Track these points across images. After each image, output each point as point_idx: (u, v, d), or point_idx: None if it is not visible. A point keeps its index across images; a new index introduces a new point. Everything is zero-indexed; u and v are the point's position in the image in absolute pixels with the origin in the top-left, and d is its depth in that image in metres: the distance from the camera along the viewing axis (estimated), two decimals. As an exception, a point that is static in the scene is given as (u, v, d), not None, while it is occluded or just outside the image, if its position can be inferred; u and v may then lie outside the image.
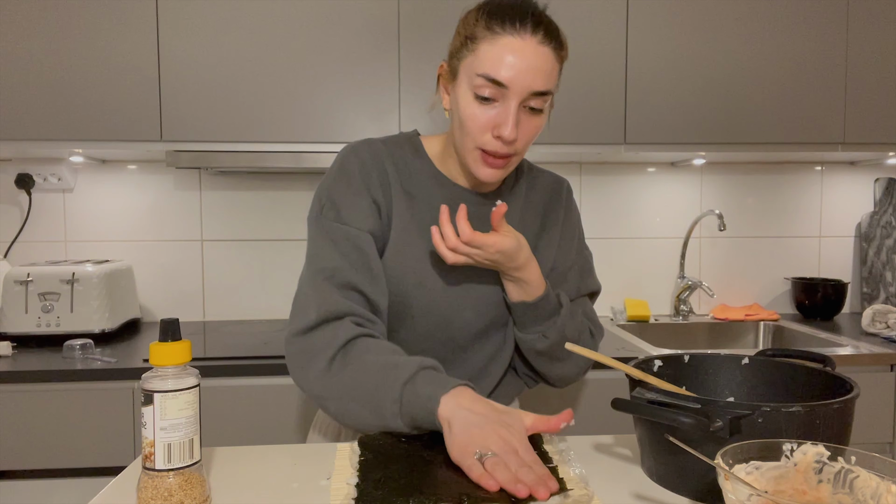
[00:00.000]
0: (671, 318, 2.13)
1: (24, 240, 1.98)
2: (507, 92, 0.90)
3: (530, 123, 0.94)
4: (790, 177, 2.22)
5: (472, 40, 0.92)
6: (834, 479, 0.62)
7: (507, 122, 0.90)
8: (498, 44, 0.89)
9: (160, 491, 0.69)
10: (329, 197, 0.99)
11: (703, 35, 1.80)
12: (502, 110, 0.91)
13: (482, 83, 0.90)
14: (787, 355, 0.90)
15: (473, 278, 1.02)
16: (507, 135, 0.90)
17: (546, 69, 0.91)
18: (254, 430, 1.50)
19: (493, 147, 0.93)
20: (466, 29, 0.93)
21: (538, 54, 0.90)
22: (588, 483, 0.76)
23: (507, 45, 0.89)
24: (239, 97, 1.68)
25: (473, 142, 0.94)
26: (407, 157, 1.04)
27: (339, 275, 0.94)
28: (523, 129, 0.93)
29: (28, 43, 1.64)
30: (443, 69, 0.99)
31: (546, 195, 1.12)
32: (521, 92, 0.90)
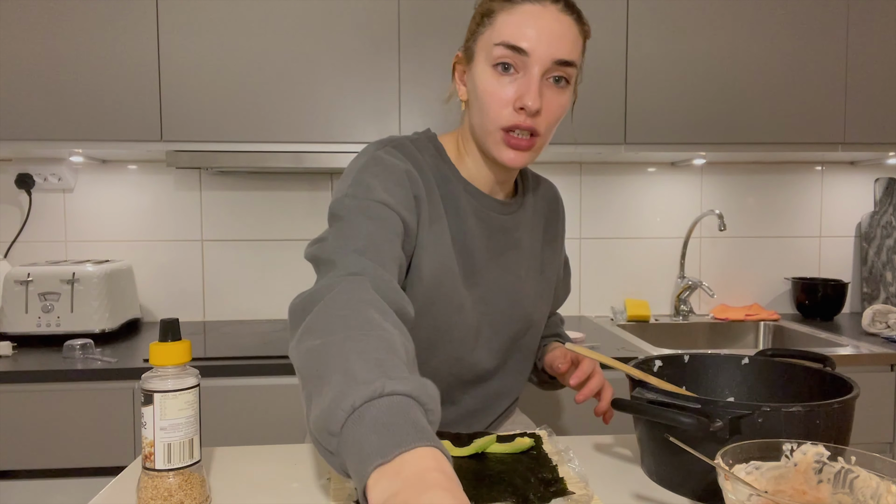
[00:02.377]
0: (671, 318, 2.13)
1: (25, 240, 1.98)
2: (528, 60, 0.85)
3: (555, 99, 0.87)
4: (790, 177, 2.22)
5: (488, 15, 0.88)
6: (834, 479, 0.62)
7: (531, 90, 0.84)
8: (517, 11, 0.85)
9: (160, 491, 0.69)
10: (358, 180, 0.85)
11: (703, 35, 1.80)
12: (524, 80, 0.85)
13: (501, 52, 0.85)
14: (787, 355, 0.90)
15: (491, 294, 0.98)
16: (532, 104, 0.84)
17: (570, 36, 0.86)
18: (254, 430, 1.50)
19: (516, 120, 0.86)
20: (482, 7, 0.90)
21: (560, 21, 0.85)
22: (588, 483, 0.76)
23: (527, 12, 0.85)
24: (239, 97, 1.68)
25: (495, 121, 0.87)
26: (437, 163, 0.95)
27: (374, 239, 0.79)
28: (547, 104, 0.87)
29: (28, 43, 1.64)
30: (458, 57, 0.95)
31: (546, 205, 1.09)
32: (543, 59, 0.84)
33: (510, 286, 0.99)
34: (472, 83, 0.90)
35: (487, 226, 0.97)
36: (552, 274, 1.08)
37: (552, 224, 1.09)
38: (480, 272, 0.96)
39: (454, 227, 0.93)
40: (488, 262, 0.97)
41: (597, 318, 2.13)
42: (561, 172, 2.13)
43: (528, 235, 1.03)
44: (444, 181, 0.94)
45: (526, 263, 1.02)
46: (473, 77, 0.90)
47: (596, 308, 2.17)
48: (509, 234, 0.99)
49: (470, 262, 0.95)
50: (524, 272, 1.01)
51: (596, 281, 2.17)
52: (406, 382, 0.55)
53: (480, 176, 0.97)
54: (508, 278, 0.99)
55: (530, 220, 1.04)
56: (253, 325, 1.93)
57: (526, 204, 1.04)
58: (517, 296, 1.00)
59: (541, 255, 1.06)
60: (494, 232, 0.97)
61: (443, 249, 0.91)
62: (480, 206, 0.96)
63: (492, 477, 0.74)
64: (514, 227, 1.00)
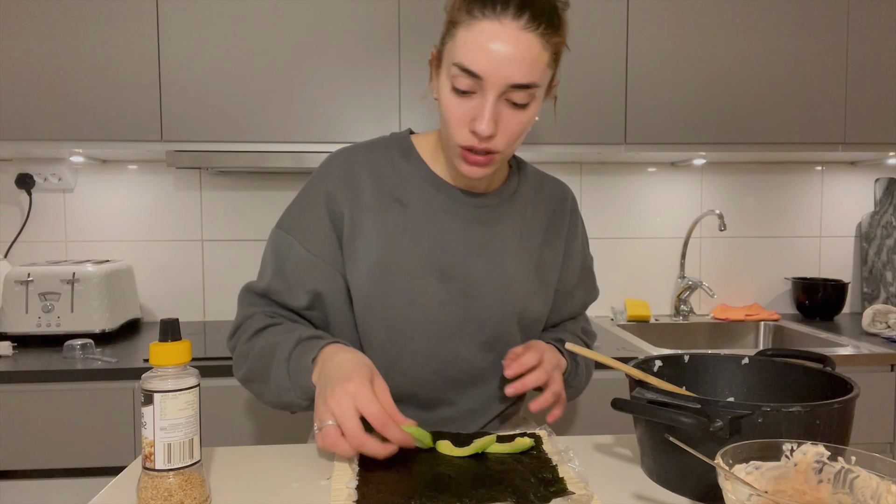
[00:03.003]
0: (671, 318, 2.13)
1: (25, 240, 1.98)
2: (483, 83, 0.82)
3: (513, 119, 0.85)
4: (790, 177, 2.22)
5: (453, 25, 0.85)
6: (834, 479, 0.62)
7: (483, 116, 0.83)
8: (474, 30, 0.81)
9: (160, 491, 0.69)
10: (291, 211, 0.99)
11: (703, 35, 1.80)
12: (479, 103, 0.84)
13: (457, 73, 0.83)
14: (787, 355, 0.90)
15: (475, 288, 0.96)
16: (482, 130, 0.83)
17: (528, 58, 0.81)
18: (254, 430, 1.50)
19: (471, 142, 0.86)
20: (451, 13, 0.86)
21: (519, 41, 0.80)
22: (588, 483, 0.76)
23: (484, 32, 0.80)
24: (239, 97, 1.68)
25: (452, 137, 0.87)
26: (395, 160, 0.97)
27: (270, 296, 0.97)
28: (505, 125, 0.85)
29: (28, 43, 1.64)
30: (433, 55, 0.92)
31: (551, 204, 1.06)
32: (497, 84, 0.82)
33: (497, 280, 0.97)
34: (438, 92, 0.90)
35: (459, 219, 0.96)
36: (552, 274, 1.05)
37: (556, 223, 1.06)
38: (458, 265, 0.95)
39: (415, 221, 0.94)
40: (467, 257, 0.96)
41: (597, 318, 2.13)
42: (561, 172, 2.13)
43: (518, 230, 1.01)
44: (402, 177, 0.96)
45: (517, 259, 1.00)
46: (439, 86, 0.90)
47: (596, 308, 2.17)
48: (491, 227, 0.98)
49: (440, 256, 0.94)
50: (514, 267, 0.99)
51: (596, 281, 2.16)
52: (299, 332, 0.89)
53: (455, 172, 0.97)
54: (492, 272, 0.97)
55: (522, 214, 1.02)
56: (253, 325, 1.93)
57: (517, 197, 1.02)
58: (506, 291, 0.98)
59: (539, 252, 1.03)
60: (470, 225, 0.96)
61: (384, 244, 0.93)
62: (450, 199, 0.96)
63: (492, 477, 0.74)
64: (497, 221, 0.99)
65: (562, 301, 1.10)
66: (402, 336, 0.94)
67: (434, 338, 0.95)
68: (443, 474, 0.75)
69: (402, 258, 0.93)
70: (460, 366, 0.98)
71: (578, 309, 1.15)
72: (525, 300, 1.00)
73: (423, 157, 0.99)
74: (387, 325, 0.94)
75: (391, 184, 0.95)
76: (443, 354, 0.96)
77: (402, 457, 0.80)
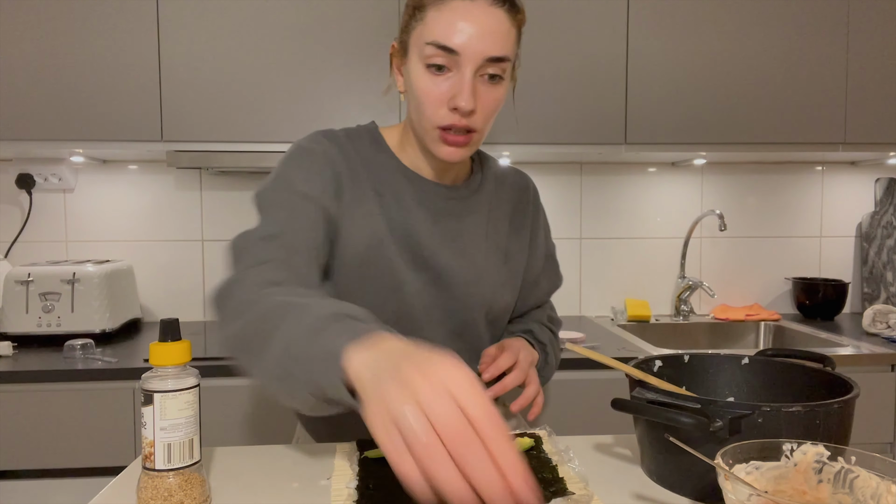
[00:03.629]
0: (672, 318, 2.13)
1: (25, 240, 1.98)
2: (459, 59, 0.84)
3: (489, 95, 0.87)
4: (791, 177, 2.22)
5: (419, 9, 0.86)
6: (834, 479, 0.62)
7: (463, 91, 0.84)
8: (446, 8, 0.83)
9: (160, 491, 0.69)
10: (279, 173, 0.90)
11: (704, 35, 1.80)
12: (457, 80, 0.85)
13: (432, 52, 0.84)
14: (787, 355, 0.90)
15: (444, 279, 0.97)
16: (464, 105, 0.84)
17: (501, 32, 0.84)
18: (254, 430, 1.50)
19: (451, 120, 0.86)
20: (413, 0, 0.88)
21: (490, 16, 0.83)
22: (588, 483, 0.76)
23: (456, 9, 0.83)
24: (239, 97, 1.68)
25: (430, 120, 0.87)
26: (369, 151, 0.97)
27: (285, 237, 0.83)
28: (482, 101, 0.87)
29: (28, 43, 1.64)
30: (394, 49, 0.94)
31: (514, 194, 1.08)
32: (475, 58, 0.84)
33: (466, 271, 0.98)
34: (408, 79, 0.90)
35: (431, 211, 0.97)
36: (519, 264, 1.07)
37: (520, 213, 1.08)
38: (430, 257, 0.96)
39: (391, 212, 0.94)
40: (438, 247, 0.96)
41: (597, 318, 2.13)
42: (561, 172, 2.13)
43: (485, 221, 1.02)
44: (377, 167, 0.95)
45: (485, 251, 1.01)
46: (409, 73, 0.89)
47: (596, 308, 2.17)
48: (460, 220, 0.99)
49: (414, 246, 0.95)
50: (483, 260, 1.01)
51: (596, 281, 2.17)
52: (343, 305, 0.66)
53: (423, 164, 0.98)
54: (462, 263, 0.98)
55: (488, 206, 1.03)
56: (253, 325, 1.93)
57: (482, 190, 1.03)
58: (475, 281, 0.99)
59: (506, 243, 1.05)
60: (441, 217, 0.97)
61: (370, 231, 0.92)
62: (420, 191, 0.97)
63: (492, 477, 0.74)
64: (466, 213, 1.00)
65: (528, 290, 1.11)
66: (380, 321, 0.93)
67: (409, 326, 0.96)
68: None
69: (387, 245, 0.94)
70: None
71: (543, 297, 1.17)
72: (493, 292, 1.02)
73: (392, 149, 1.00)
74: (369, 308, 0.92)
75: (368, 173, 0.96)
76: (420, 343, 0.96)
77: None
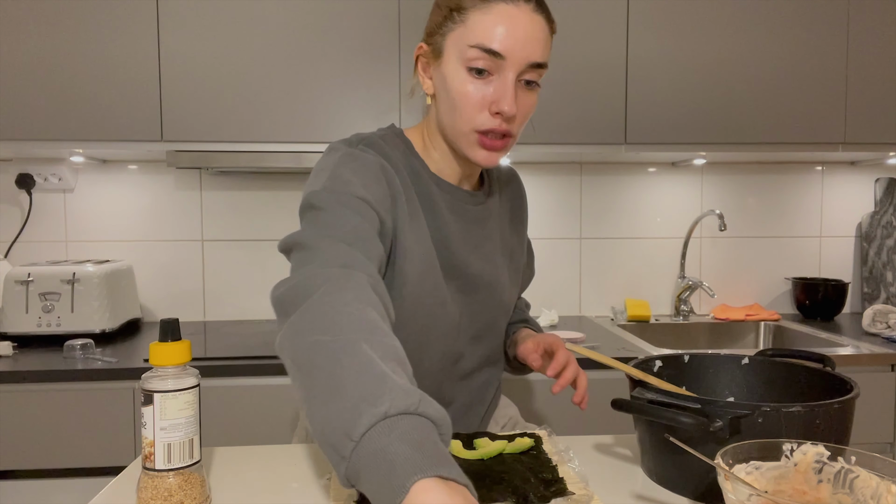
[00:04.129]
0: (672, 318, 2.13)
1: (25, 240, 1.98)
2: (503, 63, 0.83)
3: (527, 100, 0.88)
4: (791, 177, 2.22)
5: (459, 11, 0.85)
6: (834, 479, 0.62)
7: (507, 96, 0.84)
8: (491, 11, 0.83)
9: (160, 491, 0.69)
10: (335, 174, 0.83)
11: (704, 35, 1.80)
12: (499, 84, 0.84)
13: (476, 55, 0.83)
14: (787, 355, 0.90)
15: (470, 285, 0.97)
16: (508, 109, 0.84)
17: (542, 39, 0.85)
18: (254, 430, 1.50)
19: (492, 125, 0.86)
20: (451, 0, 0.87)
21: (534, 22, 0.84)
22: (588, 483, 0.76)
23: (502, 13, 0.83)
24: (239, 97, 1.68)
25: (469, 123, 0.86)
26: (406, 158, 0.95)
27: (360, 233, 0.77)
28: (521, 107, 0.87)
29: (28, 43, 1.64)
30: (422, 50, 0.92)
31: (510, 192, 1.09)
32: (519, 63, 0.84)
33: (489, 276, 0.99)
34: (442, 81, 0.88)
35: (462, 218, 0.97)
36: (519, 261, 1.09)
37: (517, 209, 1.09)
38: (460, 265, 0.96)
39: (430, 223, 0.93)
40: (467, 255, 0.97)
41: (597, 318, 2.13)
42: (561, 172, 2.13)
43: (498, 224, 1.04)
44: (415, 176, 0.93)
45: (500, 253, 1.03)
46: (444, 75, 0.88)
47: (596, 308, 2.17)
48: (483, 225, 1.00)
49: (448, 255, 0.95)
50: (499, 261, 1.02)
51: (596, 281, 2.17)
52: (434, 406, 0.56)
53: (448, 169, 0.96)
54: (487, 268, 0.99)
55: (498, 208, 1.05)
56: (253, 325, 1.93)
57: (493, 193, 1.04)
58: (495, 285, 1.00)
59: (510, 241, 1.06)
60: (470, 224, 0.98)
61: (424, 247, 0.91)
62: (453, 199, 0.96)
63: (492, 477, 0.74)
64: (487, 217, 1.01)
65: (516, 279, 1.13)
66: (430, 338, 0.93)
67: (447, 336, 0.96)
68: (443, 474, 0.75)
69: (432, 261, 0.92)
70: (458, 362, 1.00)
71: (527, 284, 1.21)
72: (508, 291, 1.04)
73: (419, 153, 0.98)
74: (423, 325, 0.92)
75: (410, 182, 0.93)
76: (451, 353, 0.97)
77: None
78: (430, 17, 0.92)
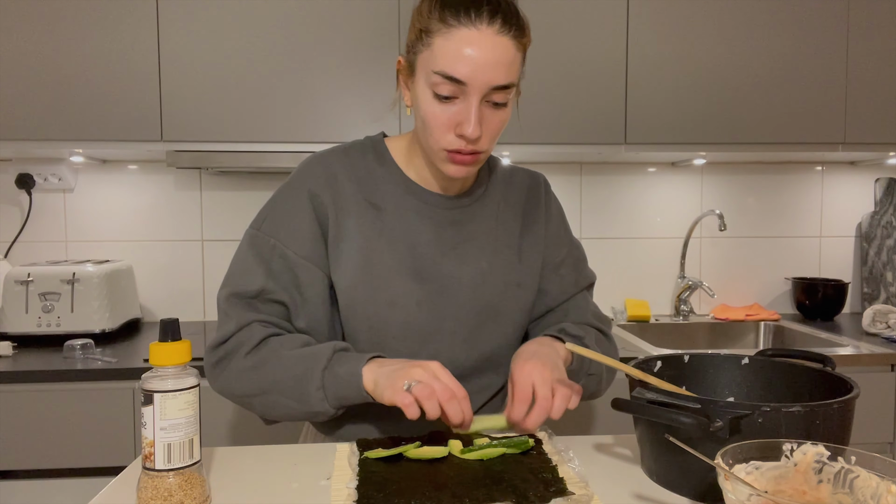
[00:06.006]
0: (671, 318, 2.13)
1: (25, 240, 1.98)
2: (466, 89, 0.85)
3: (494, 118, 0.89)
4: (790, 177, 2.22)
5: (426, 34, 0.86)
6: (834, 479, 0.62)
7: (469, 120, 0.86)
8: (453, 38, 0.84)
9: (160, 491, 0.69)
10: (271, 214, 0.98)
11: (703, 35, 1.80)
12: (463, 108, 0.86)
13: (439, 80, 0.85)
14: (787, 355, 0.90)
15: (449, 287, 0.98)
16: (470, 133, 0.86)
17: (506, 61, 0.85)
18: (254, 430, 1.50)
19: (458, 145, 0.88)
20: (420, 21, 0.88)
21: (497, 46, 0.84)
22: (588, 483, 0.76)
23: (463, 39, 0.83)
24: (239, 97, 1.68)
25: (438, 143, 0.89)
26: (371, 165, 0.99)
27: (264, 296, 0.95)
28: (487, 125, 0.89)
29: (28, 43, 1.64)
30: (400, 64, 0.94)
31: (524, 194, 1.08)
32: (481, 88, 0.85)
33: (470, 278, 0.99)
34: (415, 98, 0.91)
35: (434, 221, 0.98)
36: (535, 260, 1.06)
37: (532, 208, 1.08)
38: (432, 266, 0.97)
39: (388, 225, 0.97)
40: (441, 257, 0.98)
41: (597, 318, 2.13)
42: (561, 172, 2.13)
43: (496, 225, 1.03)
44: (378, 181, 0.98)
45: (492, 254, 1.02)
46: (415, 93, 0.91)
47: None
48: (463, 228, 1.00)
49: (416, 258, 0.97)
50: (487, 263, 1.01)
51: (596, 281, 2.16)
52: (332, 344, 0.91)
53: (429, 176, 0.99)
54: (467, 270, 0.99)
55: (495, 211, 1.04)
56: (253, 325, 1.93)
57: (488, 196, 1.04)
58: (480, 286, 0.99)
59: (518, 241, 1.05)
60: (444, 227, 0.99)
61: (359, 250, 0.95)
62: (423, 203, 0.99)
63: (492, 477, 0.74)
64: (469, 220, 1.01)
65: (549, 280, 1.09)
66: (384, 336, 0.96)
67: (414, 338, 0.97)
68: (443, 474, 0.75)
69: (381, 260, 0.96)
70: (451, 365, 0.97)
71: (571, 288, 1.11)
72: (502, 293, 1.01)
73: (397, 160, 1.01)
74: (369, 326, 0.96)
75: (367, 188, 0.98)
76: (422, 355, 0.97)
77: (401, 457, 0.80)
78: (408, 33, 0.93)
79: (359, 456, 0.81)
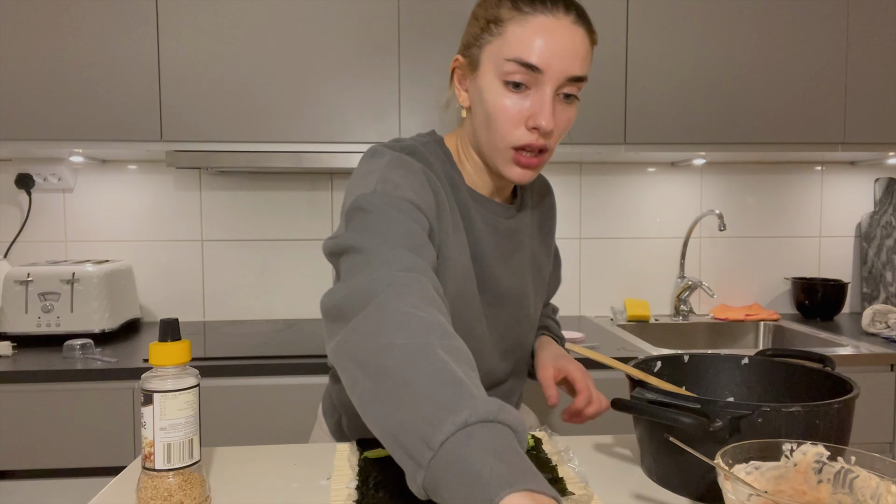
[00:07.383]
0: (671, 318, 2.13)
1: (25, 240, 1.98)
2: (541, 77, 0.81)
3: (564, 114, 0.85)
4: (790, 177, 2.22)
5: (496, 23, 0.82)
6: (834, 479, 0.62)
7: (544, 110, 0.81)
8: (529, 24, 0.80)
9: (160, 491, 0.69)
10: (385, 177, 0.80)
11: (703, 35, 1.80)
12: (537, 98, 0.82)
13: (513, 69, 0.81)
14: (787, 355, 0.90)
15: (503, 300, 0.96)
16: (545, 124, 0.81)
17: (582, 52, 0.82)
18: (254, 430, 1.50)
19: (528, 140, 0.83)
20: (488, 12, 0.84)
21: (574, 35, 0.81)
22: (588, 483, 0.76)
23: (540, 25, 0.80)
24: (239, 97, 1.68)
25: (505, 139, 0.84)
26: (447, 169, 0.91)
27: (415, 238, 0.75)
28: (558, 122, 0.84)
29: (28, 43, 1.64)
30: (458, 62, 0.89)
31: (543, 202, 1.07)
32: (557, 77, 0.81)
33: (518, 289, 0.97)
34: (478, 94, 0.86)
35: (495, 231, 0.94)
36: (546, 269, 1.07)
37: (546, 219, 1.07)
38: (491, 279, 0.93)
39: (467, 235, 0.91)
40: (498, 268, 0.94)
41: (597, 318, 2.13)
42: (561, 172, 2.13)
43: (528, 235, 1.02)
44: (454, 187, 0.90)
45: (529, 265, 1.01)
46: (480, 88, 0.85)
47: (596, 308, 2.17)
48: (514, 237, 0.97)
49: (481, 269, 0.92)
50: (527, 273, 1.00)
51: (596, 281, 2.17)
52: (513, 413, 0.55)
53: (481, 181, 0.94)
54: (516, 281, 0.97)
55: (529, 219, 1.02)
56: (253, 325, 1.93)
57: (525, 205, 1.02)
58: (522, 299, 0.99)
59: (538, 253, 1.05)
60: (502, 237, 0.95)
61: (463, 259, 0.88)
62: (487, 211, 0.93)
63: (492, 477, 0.74)
64: (518, 230, 0.98)
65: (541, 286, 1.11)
66: None
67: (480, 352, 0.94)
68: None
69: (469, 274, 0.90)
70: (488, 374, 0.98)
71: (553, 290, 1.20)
72: (535, 304, 1.02)
73: None
74: None
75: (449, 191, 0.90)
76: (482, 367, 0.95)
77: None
78: (467, 29, 0.88)
79: (359, 456, 0.81)
